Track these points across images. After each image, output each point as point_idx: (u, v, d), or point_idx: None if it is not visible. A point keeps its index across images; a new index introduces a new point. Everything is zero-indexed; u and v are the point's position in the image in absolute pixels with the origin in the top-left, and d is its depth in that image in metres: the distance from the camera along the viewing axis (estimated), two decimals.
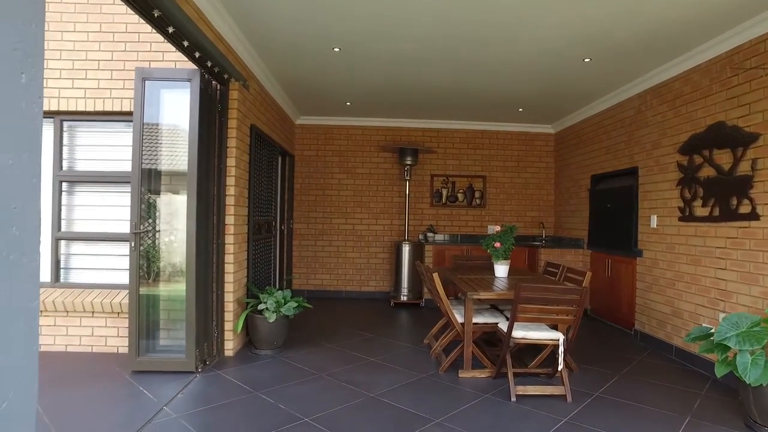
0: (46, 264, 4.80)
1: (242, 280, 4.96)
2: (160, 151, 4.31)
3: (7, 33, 1.35)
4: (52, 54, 4.59)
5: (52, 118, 4.76)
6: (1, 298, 1.32)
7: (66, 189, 4.87)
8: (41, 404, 3.37)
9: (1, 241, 1.36)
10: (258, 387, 3.80)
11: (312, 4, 3.78)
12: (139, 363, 4.08)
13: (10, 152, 1.38)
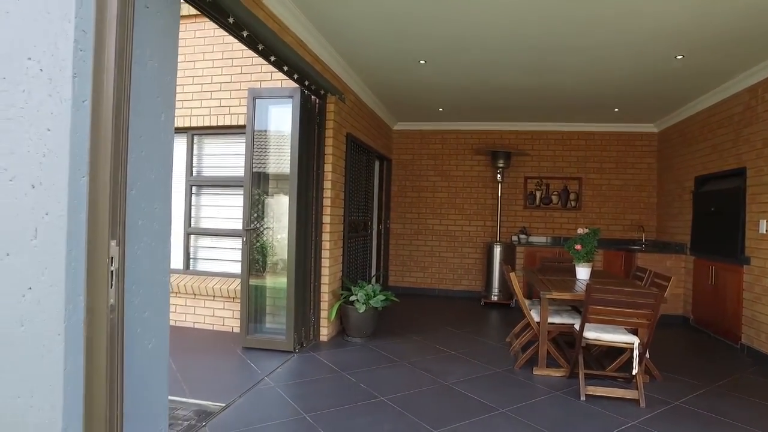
0: (179, 254, 5.74)
1: (337, 273, 5.50)
2: (267, 158, 4.98)
3: (154, 87, 1.91)
4: (186, 80, 5.50)
5: (186, 133, 5.68)
6: (147, 274, 1.88)
7: (195, 192, 5.78)
8: (175, 364, 4.14)
9: (147, 233, 1.92)
10: (345, 368, 4.28)
11: (397, 29, 4.18)
12: (248, 341, 4.77)
13: (153, 169, 1.94)
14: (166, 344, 2.15)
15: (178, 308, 5.58)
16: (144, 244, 1.96)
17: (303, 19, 4.01)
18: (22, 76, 1.66)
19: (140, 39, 1.86)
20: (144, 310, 1.98)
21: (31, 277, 1.64)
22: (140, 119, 1.90)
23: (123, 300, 1.75)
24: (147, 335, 2.00)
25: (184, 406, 3.40)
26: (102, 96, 1.67)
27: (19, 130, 1.66)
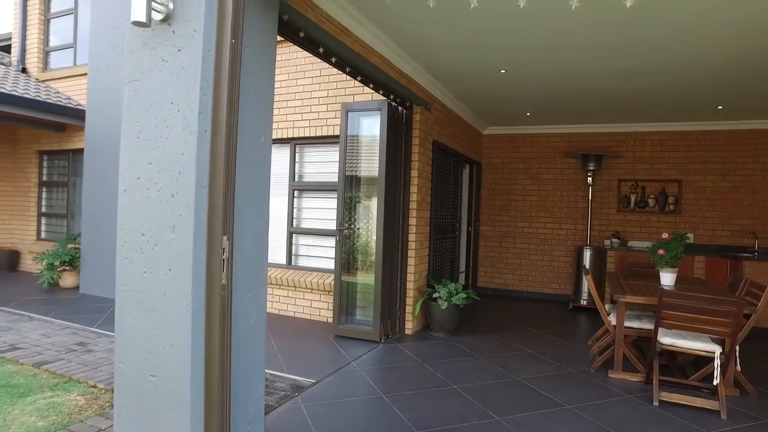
0: (282, 251, 6.49)
1: (423, 272, 5.87)
2: (358, 165, 5.49)
3: (255, 117, 2.43)
4: (289, 96, 6.23)
5: (289, 144, 6.41)
6: (249, 263, 2.40)
7: (296, 195, 6.49)
8: (276, 345, 4.80)
9: (250, 232, 2.44)
10: (424, 359, 4.65)
11: (475, 43, 4.44)
12: (339, 330, 5.32)
13: (255, 181, 2.46)
14: (263, 319, 2.69)
15: (281, 299, 6.31)
16: (248, 240, 2.50)
17: (386, 39, 4.44)
18: (167, 115, 2.26)
19: (245, 81, 2.40)
20: (247, 291, 2.52)
21: (171, 261, 2.23)
22: (245, 142, 2.45)
23: (231, 282, 2.29)
24: (249, 311, 2.54)
25: (282, 380, 4.00)
26: (218, 127, 2.22)
27: (165, 154, 2.26)
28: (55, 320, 5.74)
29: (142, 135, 2.36)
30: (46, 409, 3.32)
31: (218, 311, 2.22)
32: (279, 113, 6.33)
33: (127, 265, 2.38)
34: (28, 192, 9.55)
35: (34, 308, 6.26)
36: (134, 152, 2.38)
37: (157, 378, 2.27)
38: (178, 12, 2.25)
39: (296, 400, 3.56)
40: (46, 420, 3.16)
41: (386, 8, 3.75)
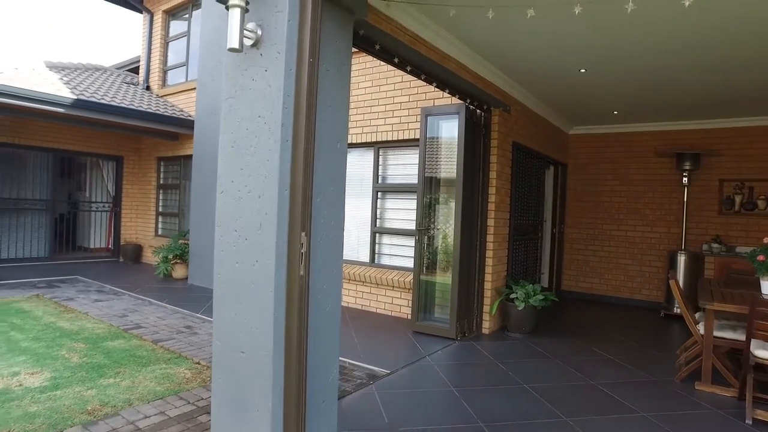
0: (366, 249, 6.83)
1: (501, 272, 5.91)
2: (437, 167, 5.67)
3: (331, 126, 2.73)
4: (374, 102, 6.55)
5: (373, 147, 6.73)
6: (326, 257, 2.69)
7: (380, 197, 6.80)
8: (357, 337, 5.12)
9: (326, 229, 2.73)
10: (498, 357, 4.72)
11: (552, 46, 4.44)
12: (417, 326, 5.53)
13: (331, 184, 2.75)
14: (338, 308, 2.96)
15: (365, 295, 6.65)
16: (324, 236, 2.79)
17: (462, 46, 4.57)
18: (255, 127, 2.61)
19: (322, 94, 2.69)
20: (323, 282, 2.82)
21: (257, 254, 2.58)
22: (322, 149, 2.74)
23: (309, 273, 2.59)
24: (325, 300, 2.83)
25: (359, 369, 4.28)
26: (298, 136, 2.53)
27: (254, 161, 2.62)
28: (169, 306, 6.54)
29: (235, 144, 2.74)
30: (162, 378, 3.87)
31: (297, 298, 2.53)
32: (363, 118, 6.69)
33: (223, 257, 2.77)
34: (149, 194, 10.83)
35: (153, 295, 7.16)
36: (229, 159, 2.77)
37: (246, 354, 2.63)
38: (265, 37, 2.59)
39: (371, 388, 3.83)
40: (162, 386, 3.71)
41: (458, 19, 3.90)
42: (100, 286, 7.80)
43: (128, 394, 3.54)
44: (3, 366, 4.02)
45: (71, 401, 3.38)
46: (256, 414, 2.56)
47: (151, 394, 3.56)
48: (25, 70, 7.99)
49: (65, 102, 7.56)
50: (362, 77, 6.63)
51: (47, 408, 3.26)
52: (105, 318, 5.75)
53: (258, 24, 2.60)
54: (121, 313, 6.07)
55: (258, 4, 2.60)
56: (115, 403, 3.39)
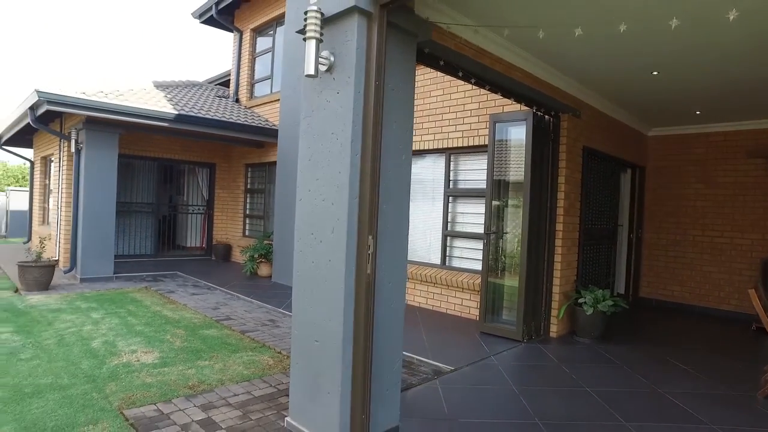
0: (438, 252, 7.07)
1: (570, 277, 5.90)
2: (505, 173, 5.79)
3: (397, 139, 3.03)
4: (444, 109, 6.79)
5: (444, 153, 6.96)
6: (391, 258, 3.00)
7: (451, 201, 7.01)
8: (425, 335, 5.38)
9: (392, 233, 3.03)
10: (562, 360, 4.77)
11: (622, 53, 4.42)
12: (484, 327, 5.68)
13: (397, 192, 3.04)
14: (402, 305, 3.25)
15: (435, 296, 6.89)
16: (390, 239, 3.09)
17: (528, 56, 4.67)
18: (329, 143, 2.97)
19: (388, 112, 2.99)
20: (389, 281, 3.11)
21: (330, 254, 2.92)
22: (388, 160, 3.04)
23: (375, 272, 2.90)
24: (390, 297, 3.12)
25: (425, 365, 4.54)
26: (366, 150, 2.85)
27: (327, 173, 2.97)
28: (254, 301, 7.17)
29: (312, 158, 3.11)
30: (248, 363, 4.37)
31: (364, 294, 2.85)
32: (435, 126, 6.94)
33: (300, 257, 3.16)
34: (238, 197, 11.77)
35: (240, 290, 7.86)
36: (307, 171, 3.15)
37: (319, 342, 2.99)
38: (337, 63, 2.94)
39: (435, 382, 4.07)
40: (248, 370, 4.20)
41: (530, 33, 4.02)
42: (196, 281, 8.67)
43: (220, 375, 4.05)
44: (125, 345, 4.73)
45: (176, 377, 3.94)
46: (328, 396, 2.91)
47: (239, 377, 4.05)
48: (137, 90, 9.07)
49: (169, 117, 8.50)
50: (433, 86, 6.89)
51: (158, 381, 3.84)
52: (200, 309, 6.45)
53: (331, 52, 2.95)
54: (214, 305, 6.76)
55: (331, 34, 2.96)
56: (210, 381, 3.91)
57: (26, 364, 4.15)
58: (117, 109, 7.81)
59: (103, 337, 5.00)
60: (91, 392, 3.58)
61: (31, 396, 3.49)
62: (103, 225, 8.30)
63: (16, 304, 6.38)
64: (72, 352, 4.47)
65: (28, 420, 3.12)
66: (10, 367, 4.06)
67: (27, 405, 3.34)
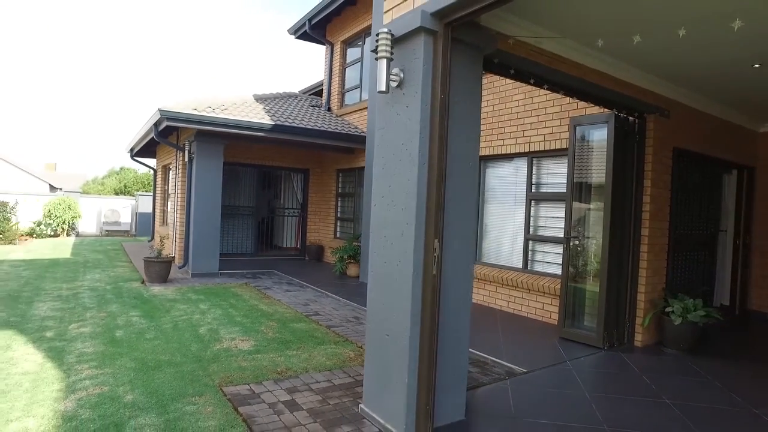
0: (520, 256, 7.06)
1: (658, 284, 5.64)
2: (586, 176, 5.69)
3: (462, 148, 3.21)
4: (526, 113, 6.78)
5: (526, 157, 6.95)
6: (456, 259, 3.20)
7: (533, 205, 6.97)
8: (503, 338, 5.46)
9: (458, 236, 3.24)
10: (644, 370, 4.62)
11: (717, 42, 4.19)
12: (564, 332, 5.62)
13: (463, 197, 3.24)
14: (467, 305, 3.42)
15: (517, 299, 6.89)
16: (455, 242, 3.28)
17: (606, 58, 4.57)
18: (399, 153, 3.23)
19: (454, 123, 3.19)
20: (454, 282, 3.30)
21: (400, 255, 3.18)
22: (454, 168, 3.23)
23: (440, 272, 3.11)
24: (455, 297, 3.31)
25: (499, 366, 4.64)
26: (433, 159, 3.07)
27: (398, 180, 3.24)
28: (342, 299, 7.63)
29: (385, 167, 3.39)
30: (331, 355, 4.76)
31: (429, 293, 3.07)
32: (517, 129, 6.95)
33: (375, 258, 3.45)
34: (330, 201, 12.45)
35: (329, 289, 8.39)
36: (380, 179, 3.44)
37: (390, 336, 3.25)
38: (406, 79, 3.19)
39: (506, 383, 4.17)
40: (330, 361, 4.58)
41: (613, 36, 3.98)
42: (290, 279, 9.36)
43: (305, 364, 4.47)
44: (226, 332, 5.36)
45: (267, 363, 4.43)
46: (396, 387, 3.17)
47: (322, 366, 4.44)
48: (240, 103, 10.00)
49: (266, 127, 9.29)
50: (515, 90, 6.91)
51: (252, 365, 4.34)
52: (292, 305, 7.01)
53: (401, 69, 3.22)
54: (305, 302, 7.31)
55: (400, 53, 3.22)
56: (296, 368, 4.33)
57: (150, 343, 4.88)
58: (221, 122, 8.71)
59: (208, 325, 5.67)
60: (197, 370, 4.15)
61: (154, 369, 4.13)
62: (210, 227, 9.27)
63: (142, 293, 7.39)
64: (184, 336, 5.15)
65: (152, 387, 3.73)
66: (139, 344, 4.81)
67: (151, 375, 3.97)
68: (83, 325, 5.48)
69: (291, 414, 3.40)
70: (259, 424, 3.23)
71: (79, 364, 4.23)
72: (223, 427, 3.16)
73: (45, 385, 3.75)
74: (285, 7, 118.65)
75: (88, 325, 5.49)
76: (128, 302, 6.79)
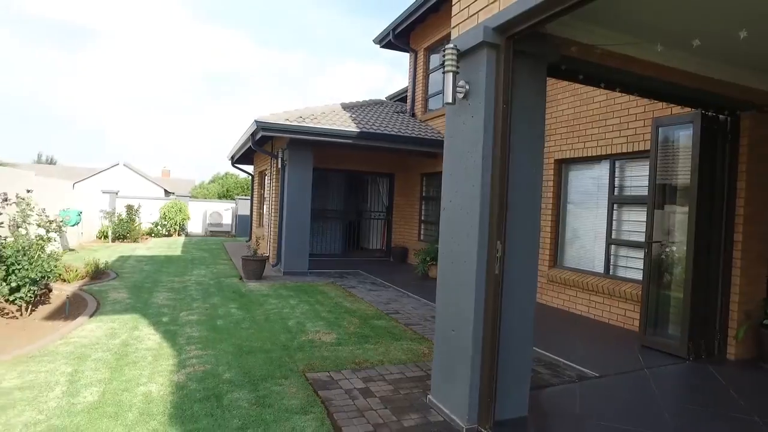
0: (601, 260, 6.90)
1: (755, 294, 5.27)
2: (670, 179, 5.47)
3: (529, 152, 3.32)
4: (608, 115, 6.63)
5: (608, 160, 6.78)
6: (519, 261, 3.36)
7: (615, 208, 6.78)
8: (581, 343, 5.42)
9: (520, 238, 3.39)
10: (732, 384, 4.38)
11: None
12: (645, 340, 5.45)
13: (524, 202, 3.38)
14: (531, 305, 3.53)
15: (597, 305, 6.74)
16: (517, 244, 3.42)
17: (691, 57, 4.42)
18: (465, 160, 3.45)
19: (517, 130, 3.34)
20: (517, 282, 3.44)
21: (465, 256, 3.39)
22: (517, 174, 3.38)
23: (503, 273, 3.28)
24: (519, 297, 3.45)
25: (571, 369, 4.65)
26: (495, 165, 3.25)
27: (464, 186, 3.46)
28: (422, 299, 7.90)
29: (453, 173, 3.62)
30: (406, 351, 5.05)
31: (492, 293, 3.25)
32: (598, 132, 6.82)
33: (443, 258, 3.68)
34: (414, 204, 12.77)
35: (411, 289, 8.69)
36: (449, 185, 3.67)
37: (455, 332, 3.47)
38: (471, 90, 3.40)
39: (575, 386, 4.20)
40: (405, 356, 4.87)
41: (696, 34, 3.89)
42: (374, 280, 9.79)
43: (382, 357, 4.79)
44: (312, 326, 5.85)
45: (347, 354, 4.81)
46: (459, 379, 3.38)
47: (396, 360, 4.73)
48: (328, 112, 10.64)
49: (352, 134, 9.81)
50: (596, 91, 6.77)
51: (333, 355, 4.75)
52: (374, 303, 7.40)
53: (466, 81, 3.44)
54: (386, 301, 7.67)
55: (466, 66, 3.44)
56: (373, 361, 4.67)
57: (245, 331, 5.49)
58: (311, 131, 9.36)
59: (296, 318, 6.21)
60: (284, 357, 4.63)
61: (247, 353, 4.68)
62: (300, 229, 9.96)
63: (240, 288, 8.19)
64: (274, 327, 5.71)
65: (246, 368, 4.27)
66: (236, 332, 5.44)
67: (245, 359, 4.52)
68: (191, 314, 6.26)
69: (364, 399, 3.73)
70: (335, 405, 3.59)
71: (188, 345, 4.90)
72: (303, 405, 3.56)
73: (162, 359, 4.42)
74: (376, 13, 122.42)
75: (194, 314, 6.26)
76: (228, 295, 7.57)
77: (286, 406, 3.53)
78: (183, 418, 3.32)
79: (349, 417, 3.42)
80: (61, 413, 3.32)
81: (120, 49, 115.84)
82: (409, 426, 3.33)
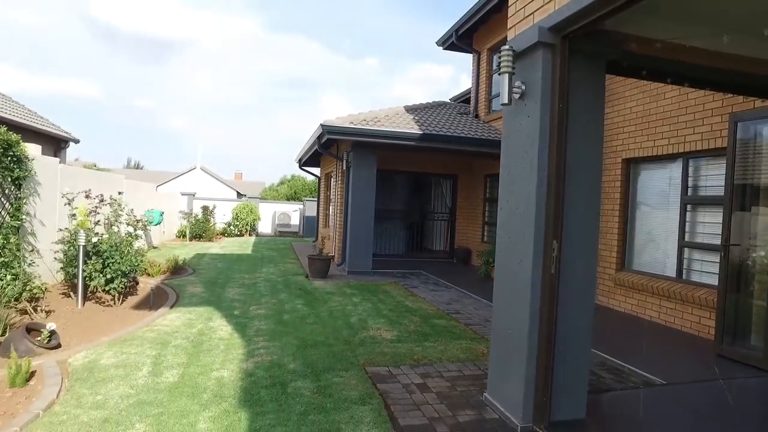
0: (673, 264, 6.57)
1: None
2: (750, 177, 5.13)
3: (586, 152, 3.31)
4: (680, 111, 6.31)
5: (681, 158, 6.46)
6: (575, 260, 3.33)
7: (689, 209, 6.44)
8: (648, 349, 5.23)
9: (576, 238, 3.36)
10: None
11: None
12: (721, 349, 5.14)
13: (581, 203, 3.34)
14: (590, 306, 3.49)
15: (669, 311, 6.42)
16: (574, 243, 3.40)
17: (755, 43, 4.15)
18: (521, 160, 3.48)
19: (573, 130, 3.32)
20: (573, 282, 3.41)
21: (521, 255, 3.42)
22: (575, 173, 3.36)
23: (559, 273, 3.27)
24: (576, 296, 3.41)
25: (636, 375, 4.50)
26: (552, 165, 3.26)
27: (520, 186, 3.48)
28: (483, 300, 7.88)
29: (509, 173, 3.65)
30: (465, 350, 5.10)
31: (548, 292, 3.26)
32: (669, 129, 6.51)
33: (500, 257, 3.72)
34: (478, 206, 12.70)
35: (473, 290, 8.68)
36: (506, 184, 3.70)
37: (511, 330, 3.50)
38: (527, 91, 3.42)
39: (639, 391, 4.07)
40: (464, 354, 4.92)
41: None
42: (436, 280, 9.86)
43: (440, 355, 4.87)
44: (373, 323, 6.05)
45: (406, 351, 4.94)
46: (515, 378, 3.41)
47: (455, 358, 4.80)
48: (391, 115, 10.84)
49: (415, 136, 9.94)
50: (667, 88, 6.47)
51: (392, 351, 4.89)
52: (435, 303, 7.48)
53: (522, 82, 3.46)
54: (447, 301, 7.72)
55: (522, 67, 3.46)
56: (431, 358, 4.76)
57: (310, 326, 5.76)
58: (374, 133, 9.59)
59: (358, 315, 6.42)
60: (346, 351, 4.83)
61: (311, 347, 4.94)
62: (364, 229, 10.22)
63: (306, 286, 8.55)
64: (337, 323, 5.95)
65: (309, 360, 4.52)
66: (301, 327, 5.73)
67: (309, 351, 4.78)
68: (260, 308, 6.65)
69: (421, 394, 3.84)
70: (392, 398, 3.73)
71: (256, 336, 5.23)
72: (362, 396, 3.73)
73: (233, 349, 4.77)
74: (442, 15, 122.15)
75: (263, 308, 6.64)
76: (294, 292, 7.94)
77: (345, 396, 3.72)
78: (251, 401, 3.58)
79: (405, 409, 3.54)
80: (148, 390, 3.71)
81: (199, 61, 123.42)
82: (464, 421, 3.40)
